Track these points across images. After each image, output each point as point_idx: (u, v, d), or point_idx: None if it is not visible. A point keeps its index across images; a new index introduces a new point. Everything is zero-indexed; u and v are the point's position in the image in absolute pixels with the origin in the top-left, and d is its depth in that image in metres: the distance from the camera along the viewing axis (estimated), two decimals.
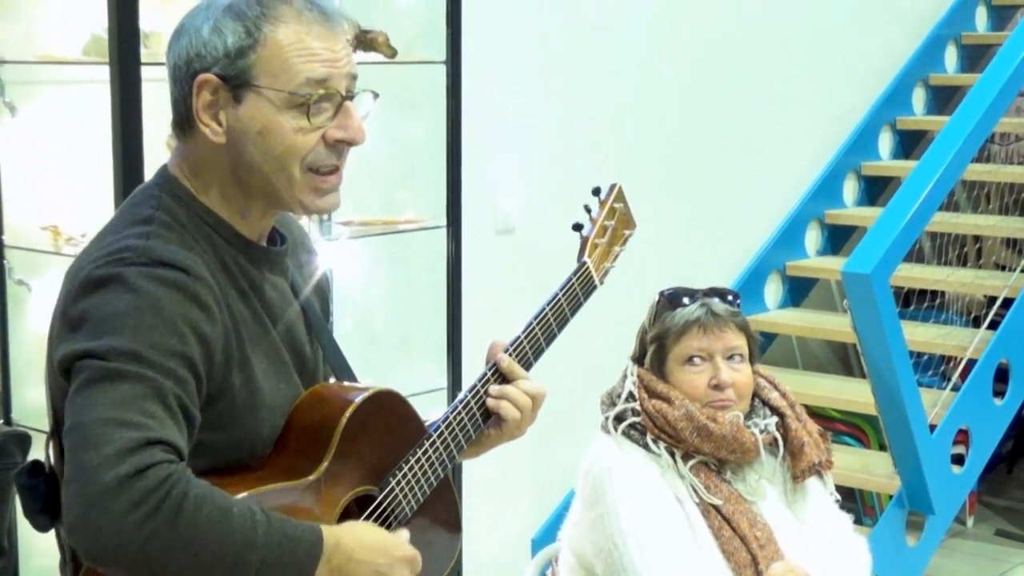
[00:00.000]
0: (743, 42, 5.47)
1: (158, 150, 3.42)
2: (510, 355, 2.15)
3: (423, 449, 2.02)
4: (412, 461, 2.00)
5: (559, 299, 2.25)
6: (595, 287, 2.31)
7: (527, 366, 2.17)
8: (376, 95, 1.93)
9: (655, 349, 2.65)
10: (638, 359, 2.72)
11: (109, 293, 1.72)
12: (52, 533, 1.90)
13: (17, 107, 3.46)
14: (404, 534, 1.95)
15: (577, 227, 2.37)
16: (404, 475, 1.99)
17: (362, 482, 1.95)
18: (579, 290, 2.28)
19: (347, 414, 1.91)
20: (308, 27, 1.82)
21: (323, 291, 2.13)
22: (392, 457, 1.99)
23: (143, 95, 3.17)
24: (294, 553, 1.72)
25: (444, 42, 3.86)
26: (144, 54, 3.21)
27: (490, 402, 2.11)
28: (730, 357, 2.64)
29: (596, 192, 2.40)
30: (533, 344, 2.20)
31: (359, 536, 1.83)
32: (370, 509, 1.95)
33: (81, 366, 1.68)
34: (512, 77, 4.57)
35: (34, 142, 3.51)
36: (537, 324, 2.21)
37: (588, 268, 2.31)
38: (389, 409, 2.02)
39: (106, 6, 3.14)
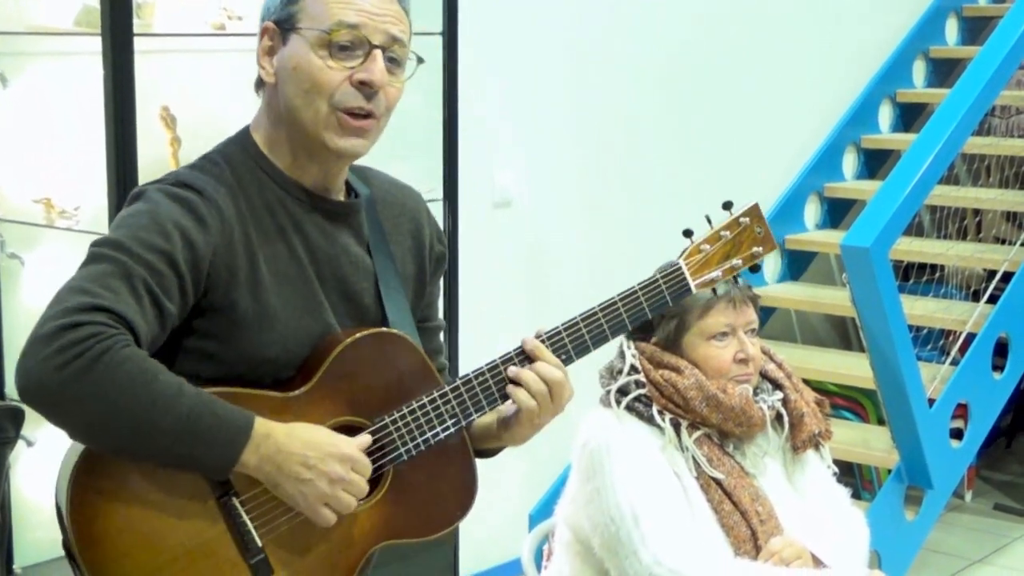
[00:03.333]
0: (743, 15, 5.44)
1: (151, 122, 3.40)
2: (544, 340, 2.12)
3: (431, 398, 2.06)
4: (416, 406, 2.05)
5: (635, 292, 2.17)
6: (688, 291, 2.20)
7: (582, 351, 2.14)
8: (421, 60, 2.09)
9: (676, 324, 2.63)
10: (636, 333, 2.70)
11: (134, 203, 1.97)
12: (44, 507, 1.95)
13: (8, 79, 3.44)
14: (364, 438, 1.99)
15: (687, 233, 2.26)
16: (403, 416, 2.04)
17: (350, 412, 2.03)
18: (664, 288, 2.18)
19: (343, 343, 2.01)
20: None
21: (423, 261, 2.22)
22: (392, 398, 2.05)
23: (136, 66, 3.14)
24: (219, 430, 1.85)
25: (441, 14, 3.84)
26: (137, 25, 3.19)
27: (508, 388, 2.10)
28: (747, 332, 2.63)
29: (727, 206, 2.29)
30: (593, 330, 2.14)
31: (292, 430, 1.92)
32: (356, 437, 2.01)
33: (88, 253, 1.91)
34: (509, 49, 4.54)
35: (26, 114, 3.48)
36: (601, 311, 2.15)
37: (680, 269, 2.21)
38: (397, 352, 2.07)
39: None
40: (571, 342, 2.13)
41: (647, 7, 5.02)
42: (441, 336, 2.33)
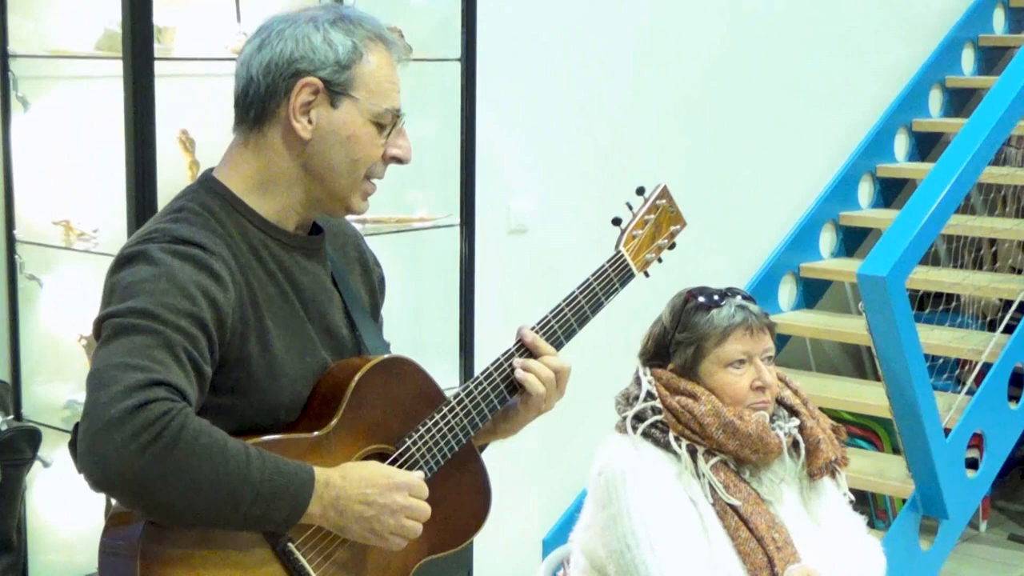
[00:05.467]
0: (759, 44, 5.45)
1: (170, 145, 3.42)
2: (536, 333, 2.25)
3: (442, 414, 2.13)
4: (430, 424, 2.12)
5: (591, 284, 2.34)
6: (632, 275, 2.40)
7: (557, 346, 2.27)
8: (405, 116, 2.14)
9: (693, 351, 2.63)
10: (652, 359, 2.70)
11: (134, 266, 1.92)
12: (59, 528, 1.95)
13: (30, 102, 3.46)
14: (418, 474, 2.04)
15: (616, 221, 2.45)
16: (421, 436, 2.10)
17: (375, 441, 2.07)
18: (614, 277, 2.37)
19: (358, 376, 2.04)
20: (389, 56, 2.06)
21: (373, 286, 2.29)
22: (408, 420, 2.11)
23: (155, 90, 3.16)
24: (288, 487, 1.87)
25: (459, 40, 3.85)
26: (157, 49, 3.20)
27: (516, 374, 2.20)
28: (764, 359, 2.63)
29: (640, 191, 2.51)
30: (563, 325, 2.29)
31: (346, 472, 1.95)
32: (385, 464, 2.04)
33: (104, 326, 1.87)
34: (527, 76, 4.55)
35: (46, 137, 3.50)
36: (567, 306, 2.30)
37: (623, 256, 2.40)
38: (404, 375, 2.13)
39: (119, 1, 3.13)
40: (560, 329, 2.28)
41: (665, 36, 5.03)
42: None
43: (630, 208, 2.48)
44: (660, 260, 2.49)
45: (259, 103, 2.03)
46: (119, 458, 1.74)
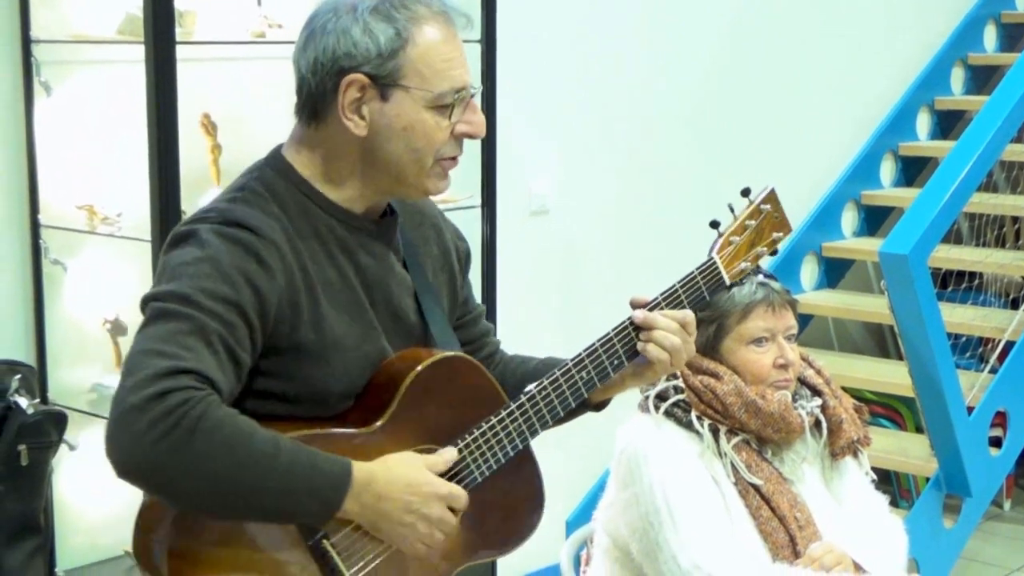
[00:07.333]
0: (779, 22, 5.43)
1: (192, 129, 3.43)
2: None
3: (499, 418, 2.05)
4: (486, 427, 2.04)
5: (676, 290, 2.20)
6: (723, 285, 2.24)
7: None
8: (478, 89, 2.07)
9: (715, 329, 2.63)
10: None
11: (184, 247, 1.90)
12: (86, 511, 1.95)
13: (52, 87, 3.47)
14: (450, 452, 1.99)
15: (714, 224, 2.29)
16: (475, 439, 2.03)
17: (426, 440, 2.01)
18: (702, 285, 2.21)
19: (414, 372, 1.99)
20: (444, 30, 1.98)
21: (452, 267, 2.22)
22: (463, 421, 2.04)
23: (177, 74, 3.17)
24: (318, 484, 1.83)
25: (479, 21, 3.85)
26: (179, 33, 3.22)
27: (639, 346, 2.14)
28: (786, 337, 2.63)
29: (745, 193, 2.32)
30: (622, 336, 2.17)
31: (390, 473, 1.91)
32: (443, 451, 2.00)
33: (146, 309, 1.86)
34: (547, 58, 4.55)
35: (69, 122, 3.51)
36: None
37: (715, 264, 2.23)
38: (464, 374, 2.07)
39: None
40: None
41: (683, 15, 5.02)
42: (484, 318, 2.33)
43: (732, 211, 2.30)
44: (762, 268, 2.33)
45: (312, 102, 1.98)
46: (136, 447, 1.73)
